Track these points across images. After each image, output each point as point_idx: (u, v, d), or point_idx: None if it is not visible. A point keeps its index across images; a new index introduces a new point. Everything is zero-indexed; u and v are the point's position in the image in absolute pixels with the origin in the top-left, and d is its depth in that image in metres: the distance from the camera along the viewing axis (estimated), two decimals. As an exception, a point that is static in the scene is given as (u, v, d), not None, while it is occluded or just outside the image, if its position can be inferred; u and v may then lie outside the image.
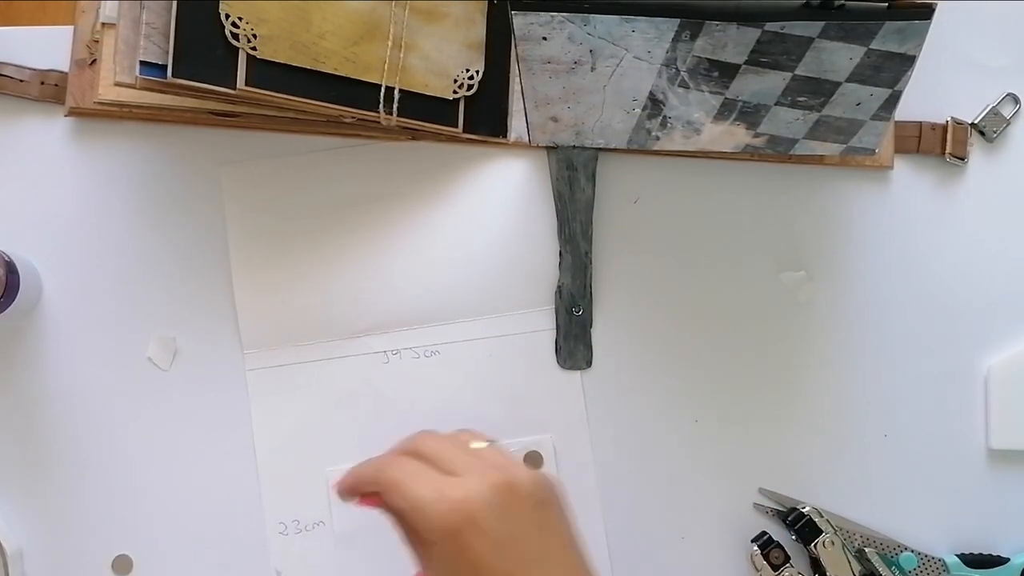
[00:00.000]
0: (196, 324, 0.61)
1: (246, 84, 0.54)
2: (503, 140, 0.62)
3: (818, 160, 0.62)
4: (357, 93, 0.57)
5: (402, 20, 0.58)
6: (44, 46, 0.62)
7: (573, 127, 0.59)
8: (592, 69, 0.54)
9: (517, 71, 0.57)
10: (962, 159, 0.63)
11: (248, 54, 0.54)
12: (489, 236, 0.62)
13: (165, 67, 0.53)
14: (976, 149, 0.63)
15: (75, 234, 0.62)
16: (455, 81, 0.60)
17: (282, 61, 0.55)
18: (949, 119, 0.63)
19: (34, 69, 0.62)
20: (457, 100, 0.60)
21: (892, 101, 0.54)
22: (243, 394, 0.61)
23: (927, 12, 0.48)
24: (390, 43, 0.58)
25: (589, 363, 0.62)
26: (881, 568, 0.59)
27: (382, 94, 0.58)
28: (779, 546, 0.60)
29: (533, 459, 0.60)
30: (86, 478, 0.61)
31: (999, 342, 0.62)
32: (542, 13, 0.50)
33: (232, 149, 0.62)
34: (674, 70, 0.53)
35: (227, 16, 0.53)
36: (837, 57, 0.51)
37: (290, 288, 0.61)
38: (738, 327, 0.62)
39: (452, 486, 0.43)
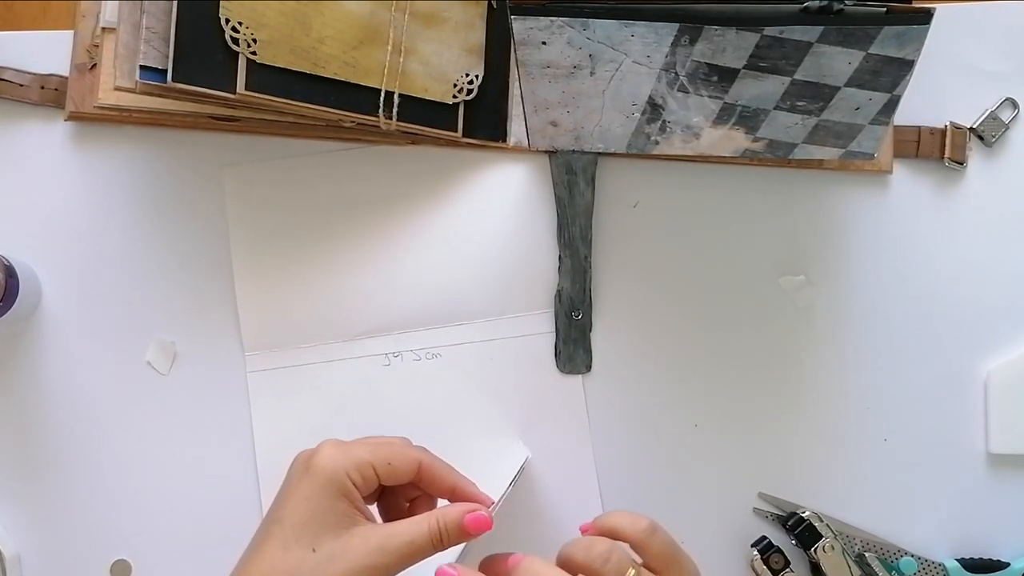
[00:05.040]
0: (196, 328, 0.61)
1: (246, 89, 0.54)
2: (502, 144, 0.62)
3: (817, 164, 0.62)
4: (357, 97, 0.57)
5: (402, 25, 0.58)
6: (44, 50, 0.62)
7: (572, 131, 0.59)
8: (591, 73, 0.54)
9: (516, 75, 0.57)
10: (961, 164, 0.63)
11: (248, 59, 0.54)
12: (489, 240, 0.62)
13: (165, 71, 0.53)
14: (975, 154, 0.64)
15: (75, 238, 0.62)
16: (455, 85, 0.60)
17: (282, 65, 0.55)
18: (948, 124, 0.63)
19: (34, 73, 0.62)
20: (457, 104, 0.61)
21: (891, 105, 0.54)
22: (243, 397, 0.61)
23: (926, 17, 0.48)
24: (390, 48, 0.58)
25: (589, 367, 0.62)
26: (881, 572, 0.59)
27: (382, 98, 0.58)
28: (779, 551, 0.60)
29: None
30: (85, 482, 0.61)
31: (999, 346, 0.62)
32: (541, 18, 0.50)
33: (232, 153, 0.62)
34: (673, 74, 0.53)
35: (227, 21, 0.53)
36: (836, 62, 0.51)
37: (291, 290, 0.61)
38: (737, 331, 0.62)
39: None
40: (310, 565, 0.43)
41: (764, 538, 0.60)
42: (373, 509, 0.48)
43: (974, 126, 0.63)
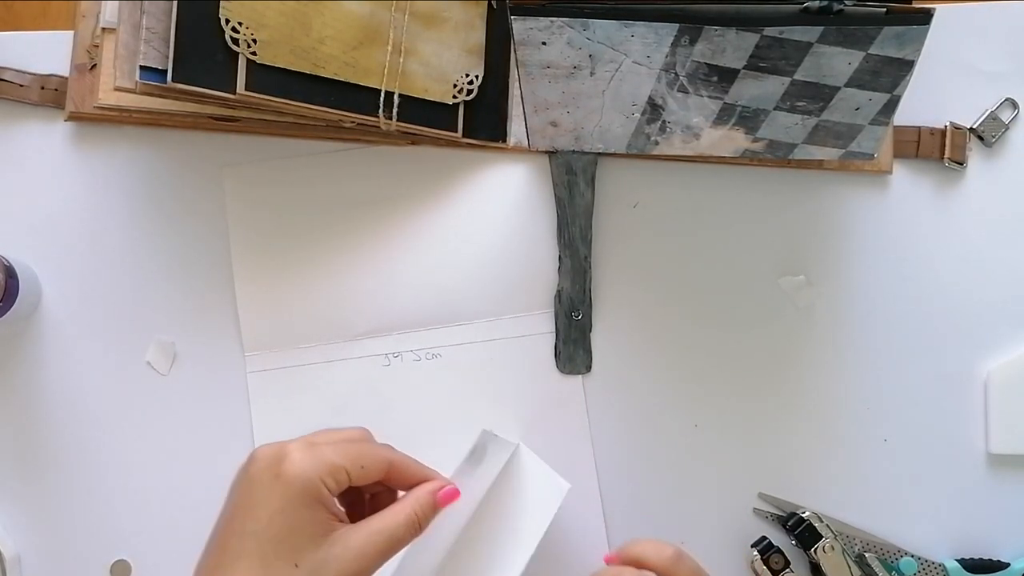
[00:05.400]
0: (196, 328, 0.61)
1: (246, 89, 0.54)
2: (502, 145, 0.62)
3: (817, 165, 0.62)
4: (357, 98, 0.57)
5: (402, 25, 0.58)
6: (44, 51, 0.62)
7: (572, 131, 0.59)
8: (591, 74, 0.54)
9: (516, 76, 0.57)
10: (961, 164, 0.63)
11: (248, 59, 0.54)
12: (489, 240, 0.62)
13: (165, 72, 0.53)
14: (975, 154, 0.64)
15: (75, 238, 0.62)
16: (455, 86, 0.60)
17: (282, 66, 0.55)
18: (948, 124, 0.63)
19: (34, 74, 0.62)
20: (457, 105, 0.61)
21: (891, 106, 0.54)
22: (243, 397, 0.61)
23: (925, 17, 0.48)
24: (390, 48, 0.58)
25: (589, 368, 0.62)
26: (881, 573, 0.59)
27: (382, 99, 0.58)
28: (779, 551, 0.60)
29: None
30: (84, 483, 0.61)
31: (999, 346, 0.62)
32: (541, 18, 0.50)
33: (232, 153, 0.62)
34: (673, 75, 0.53)
35: (227, 21, 0.53)
36: (836, 62, 0.51)
37: (291, 290, 0.61)
38: (737, 331, 0.62)
39: None
40: None
41: (764, 538, 0.60)
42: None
43: (974, 126, 0.63)
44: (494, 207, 0.62)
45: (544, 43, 0.52)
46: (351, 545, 0.43)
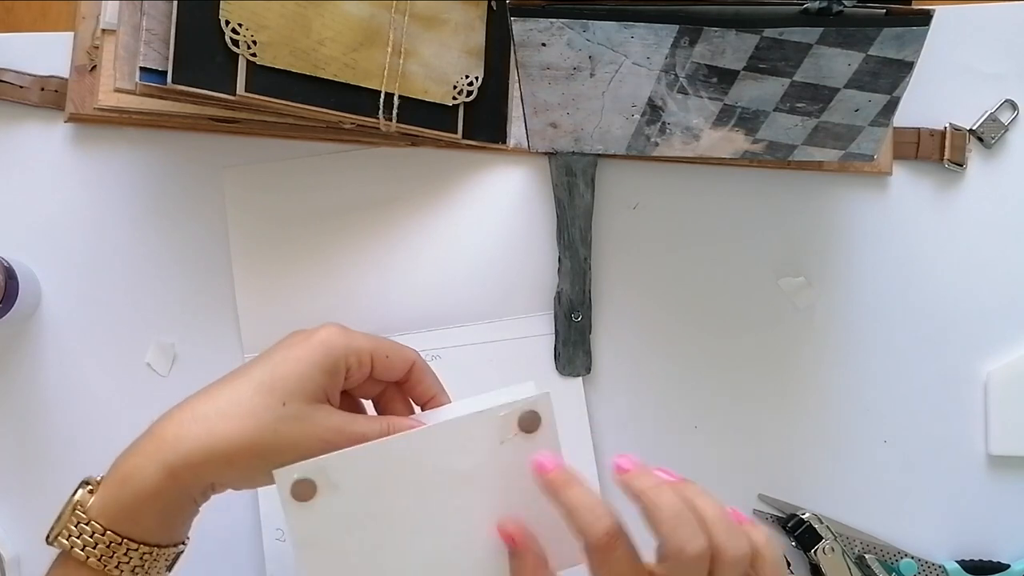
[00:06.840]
0: (196, 329, 0.61)
1: (246, 90, 0.54)
2: (502, 146, 0.62)
3: (817, 166, 0.62)
4: (357, 99, 0.57)
5: (402, 26, 0.58)
6: (44, 52, 0.62)
7: (572, 133, 0.59)
8: (591, 75, 0.54)
9: (516, 77, 0.57)
10: (960, 165, 0.63)
11: (248, 60, 0.54)
12: (489, 241, 0.62)
13: (165, 73, 0.53)
14: (974, 155, 0.64)
15: (74, 240, 0.62)
16: (455, 87, 0.60)
17: (282, 67, 0.55)
18: (947, 125, 0.63)
19: (34, 75, 0.62)
20: (457, 106, 0.61)
21: (890, 107, 0.54)
22: (242, 399, 0.61)
23: (925, 18, 0.48)
24: (390, 49, 0.58)
25: (588, 369, 0.62)
26: (881, 574, 0.59)
27: (382, 100, 0.58)
28: (779, 552, 0.60)
29: (530, 420, 0.55)
30: (85, 484, 0.61)
31: (998, 348, 0.62)
32: (541, 19, 0.50)
33: (232, 154, 0.62)
34: (673, 76, 0.53)
35: (227, 22, 0.53)
36: (835, 63, 0.51)
37: (291, 291, 0.61)
38: (737, 333, 0.62)
39: None
40: (275, 415, 0.44)
41: (764, 540, 0.60)
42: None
43: (973, 128, 0.63)
44: (494, 209, 0.62)
45: (544, 44, 0.52)
46: (332, 419, 0.45)
